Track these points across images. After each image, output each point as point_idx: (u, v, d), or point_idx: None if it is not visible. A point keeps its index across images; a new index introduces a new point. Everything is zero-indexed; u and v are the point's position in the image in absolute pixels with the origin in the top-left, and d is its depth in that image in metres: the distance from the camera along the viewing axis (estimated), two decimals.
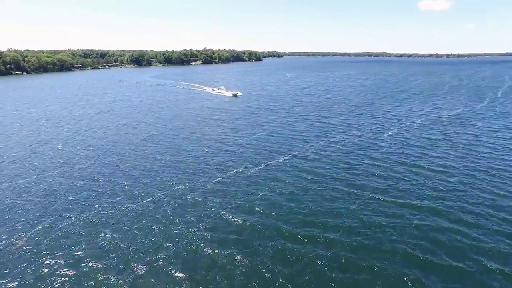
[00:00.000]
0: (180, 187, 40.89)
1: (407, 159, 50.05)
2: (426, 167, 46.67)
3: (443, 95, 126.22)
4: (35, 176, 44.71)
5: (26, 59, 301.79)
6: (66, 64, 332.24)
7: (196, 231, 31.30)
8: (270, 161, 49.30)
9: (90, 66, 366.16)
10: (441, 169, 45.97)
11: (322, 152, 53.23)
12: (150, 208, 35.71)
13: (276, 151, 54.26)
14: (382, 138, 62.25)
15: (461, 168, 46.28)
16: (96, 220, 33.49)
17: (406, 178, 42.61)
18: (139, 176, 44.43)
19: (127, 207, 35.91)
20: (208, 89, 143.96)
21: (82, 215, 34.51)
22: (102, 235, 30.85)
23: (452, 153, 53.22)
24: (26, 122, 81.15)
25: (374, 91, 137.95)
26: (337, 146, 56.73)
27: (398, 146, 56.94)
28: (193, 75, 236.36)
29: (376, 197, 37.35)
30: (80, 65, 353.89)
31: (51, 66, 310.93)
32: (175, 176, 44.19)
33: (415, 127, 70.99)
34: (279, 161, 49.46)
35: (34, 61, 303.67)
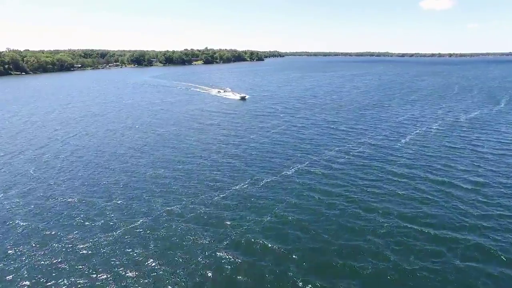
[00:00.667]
0: (167, 209, 34.55)
1: (431, 173, 43.48)
2: (455, 184, 40.13)
3: (454, 96, 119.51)
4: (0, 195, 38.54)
5: (25, 59, 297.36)
6: (66, 64, 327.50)
7: (182, 276, 24.94)
8: (275, 176, 42.87)
9: (90, 66, 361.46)
10: (473, 186, 39.42)
11: (333, 165, 46.69)
12: (127, 241, 29.32)
13: (282, 163, 47.71)
14: (398, 146, 55.68)
15: (496, 185, 39.73)
16: (57, 260, 27.06)
17: (435, 199, 36.11)
18: (120, 196, 38.05)
19: (99, 240, 29.54)
20: (213, 91, 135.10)
21: (40, 252, 28.10)
22: (63, 284, 24.52)
23: (481, 165, 46.63)
24: (9, 126, 75.09)
25: (382, 92, 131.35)
26: (349, 156, 50.19)
27: (418, 156, 50.32)
28: (194, 75, 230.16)
29: (404, 225, 30.86)
30: (80, 65, 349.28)
31: (50, 66, 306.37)
32: (163, 196, 37.83)
33: (433, 133, 64.37)
34: (286, 175, 43.00)
35: (33, 61, 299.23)
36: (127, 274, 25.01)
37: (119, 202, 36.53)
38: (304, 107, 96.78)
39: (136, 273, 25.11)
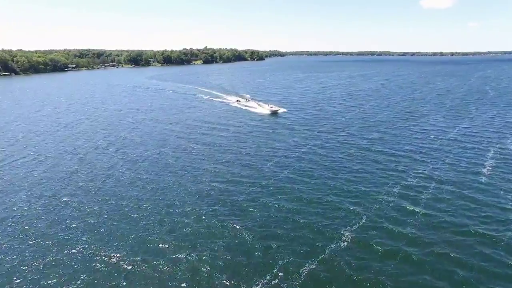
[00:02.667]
0: None
1: None
2: None
3: (495, 100, 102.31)
4: None
5: (15, 59, 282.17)
6: (59, 64, 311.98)
7: None
8: (316, 260, 26.07)
9: (86, 66, 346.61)
10: None
11: (405, 228, 29.42)
12: None
13: (319, 224, 30.28)
14: (484, 183, 38.53)
15: None
16: None
17: None
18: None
19: None
20: (230, 99, 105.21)
21: None
22: None
23: None
24: None
25: (408, 96, 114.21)
26: (420, 207, 32.82)
27: None
28: (195, 76, 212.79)
29: None
30: (74, 66, 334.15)
31: (42, 66, 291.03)
32: None
33: None
34: (338, 248, 26.17)
35: (24, 61, 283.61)
36: None
37: None
38: (324, 116, 79.77)
39: None
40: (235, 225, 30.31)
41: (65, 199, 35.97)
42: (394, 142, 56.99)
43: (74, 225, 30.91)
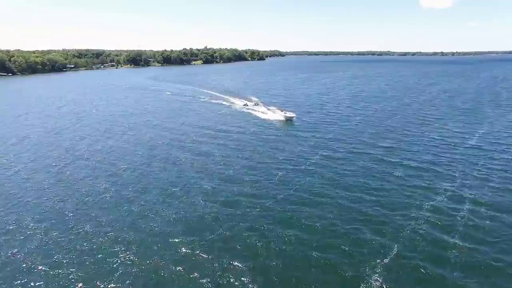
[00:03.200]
0: None
1: None
2: None
3: (510, 102, 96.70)
4: None
5: (12, 59, 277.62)
6: (57, 64, 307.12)
7: None
8: None
9: (84, 66, 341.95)
10: None
11: (446, 269, 23.46)
12: None
13: (338, 263, 24.46)
14: None
15: None
16: None
17: None
18: None
19: None
20: (235, 101, 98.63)
21: None
22: None
23: None
24: None
25: (417, 98, 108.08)
26: (461, 239, 27.13)
27: None
28: (195, 76, 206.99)
29: None
30: (73, 66, 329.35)
31: (40, 66, 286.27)
32: None
33: None
34: None
35: (21, 61, 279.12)
36: None
37: None
38: (331, 121, 73.84)
39: None
40: (233, 266, 24.55)
41: (31, 225, 30.26)
42: (412, 151, 51.13)
43: (36, 266, 25.15)
